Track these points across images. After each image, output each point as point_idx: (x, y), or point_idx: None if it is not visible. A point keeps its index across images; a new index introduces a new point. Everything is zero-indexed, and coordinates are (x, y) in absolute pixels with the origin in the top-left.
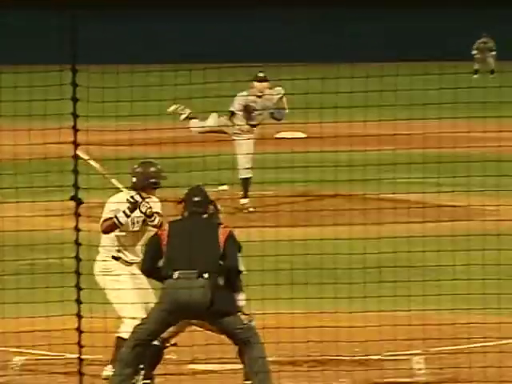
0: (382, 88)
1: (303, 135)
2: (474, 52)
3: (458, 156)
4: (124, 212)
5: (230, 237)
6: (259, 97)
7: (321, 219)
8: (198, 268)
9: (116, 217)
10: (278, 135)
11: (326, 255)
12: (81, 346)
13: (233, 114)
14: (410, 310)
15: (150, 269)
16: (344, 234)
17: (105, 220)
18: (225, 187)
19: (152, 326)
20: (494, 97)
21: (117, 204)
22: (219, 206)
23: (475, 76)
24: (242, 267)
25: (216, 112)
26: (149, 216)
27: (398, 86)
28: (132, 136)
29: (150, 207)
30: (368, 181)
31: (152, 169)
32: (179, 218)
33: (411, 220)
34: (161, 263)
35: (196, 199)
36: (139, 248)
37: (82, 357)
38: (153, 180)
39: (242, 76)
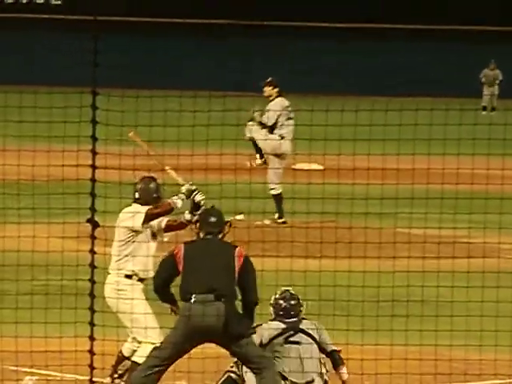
0: (401, 122)
1: (320, 167)
2: (482, 79)
3: (474, 193)
4: (182, 199)
5: (246, 261)
6: (270, 101)
7: (335, 251)
8: (215, 292)
9: (173, 201)
10: (295, 166)
11: (339, 287)
12: (92, 368)
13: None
14: (421, 345)
15: (161, 290)
16: (358, 266)
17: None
18: (241, 216)
19: (168, 351)
20: (498, 134)
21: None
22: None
23: (483, 113)
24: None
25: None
26: (198, 207)
27: (417, 121)
28: (150, 161)
29: (204, 197)
30: (384, 214)
31: (153, 184)
32: (194, 239)
33: (426, 255)
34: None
35: (212, 220)
36: (151, 259)
37: (94, 379)
38: (155, 194)
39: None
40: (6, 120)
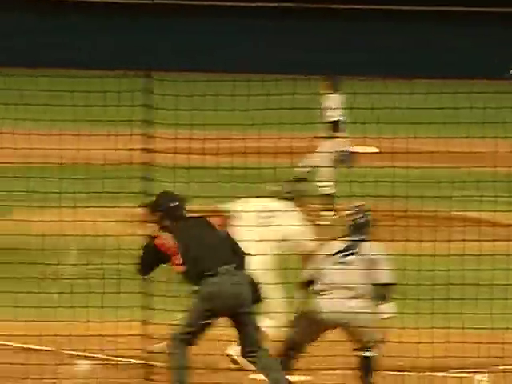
0: (455, 105)
1: (376, 150)
2: None
3: None
4: None
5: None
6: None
7: (392, 235)
8: (231, 263)
9: None
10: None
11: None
12: (148, 353)
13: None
14: (476, 328)
15: (146, 272)
16: (413, 250)
17: None
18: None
19: (194, 324)
20: None
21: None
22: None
23: None
24: None
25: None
26: None
27: (469, 104)
28: (204, 145)
29: None
30: (439, 198)
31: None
32: (168, 225)
33: (481, 238)
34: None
35: (176, 204)
36: None
37: (150, 363)
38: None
39: (317, 89)
40: (61, 105)
